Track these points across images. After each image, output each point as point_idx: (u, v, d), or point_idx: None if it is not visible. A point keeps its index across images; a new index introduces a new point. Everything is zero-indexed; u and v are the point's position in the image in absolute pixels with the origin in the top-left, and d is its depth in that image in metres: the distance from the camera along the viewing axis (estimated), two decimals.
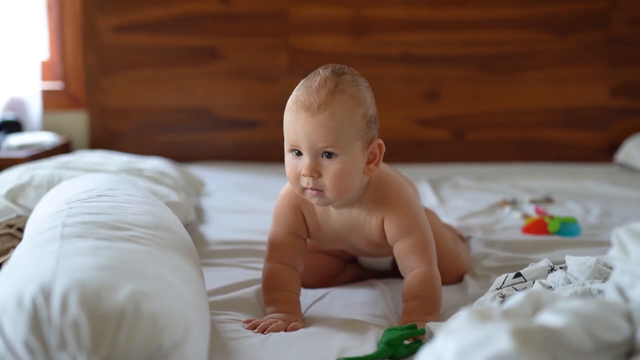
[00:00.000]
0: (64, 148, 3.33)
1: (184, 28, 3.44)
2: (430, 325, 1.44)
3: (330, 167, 1.57)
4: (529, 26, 3.46)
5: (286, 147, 1.62)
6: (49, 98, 3.48)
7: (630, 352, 1.02)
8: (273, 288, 1.68)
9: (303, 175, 1.58)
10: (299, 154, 1.59)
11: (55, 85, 3.51)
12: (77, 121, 3.51)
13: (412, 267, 1.67)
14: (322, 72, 1.61)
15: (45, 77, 3.50)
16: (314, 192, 1.60)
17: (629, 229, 1.15)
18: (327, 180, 1.57)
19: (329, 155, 1.57)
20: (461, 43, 3.46)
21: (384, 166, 1.74)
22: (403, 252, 1.68)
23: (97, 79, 3.46)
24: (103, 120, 3.49)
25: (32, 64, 3.33)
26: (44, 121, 3.46)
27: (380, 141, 1.64)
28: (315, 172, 1.57)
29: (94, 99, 3.47)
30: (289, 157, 1.62)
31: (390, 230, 1.68)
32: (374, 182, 1.69)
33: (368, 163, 1.63)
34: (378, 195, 1.69)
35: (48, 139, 3.25)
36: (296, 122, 1.57)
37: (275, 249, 1.72)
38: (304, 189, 1.61)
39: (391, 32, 3.45)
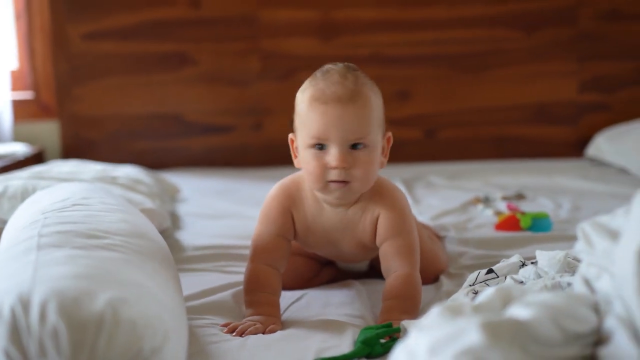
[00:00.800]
0: (37, 158, 3.32)
1: (154, 34, 3.44)
2: (405, 323, 1.46)
3: (360, 158, 1.59)
4: (497, 24, 3.50)
5: (306, 142, 1.61)
6: (19, 108, 3.47)
7: (598, 342, 1.05)
8: (255, 289, 1.68)
9: (334, 168, 1.59)
10: (321, 148, 1.60)
11: (25, 95, 3.50)
12: (49, 131, 3.51)
13: (395, 269, 1.68)
14: (336, 67, 1.63)
15: (15, 87, 3.48)
16: (341, 184, 1.60)
17: (593, 222, 1.17)
18: (357, 171, 1.59)
19: (356, 146, 1.59)
20: (431, 42, 3.49)
21: None
22: (389, 253, 1.69)
23: (68, 88, 3.45)
24: (75, 129, 3.48)
25: (2, 74, 3.31)
26: (16, 131, 3.45)
27: (390, 133, 1.69)
28: (347, 162, 1.58)
29: (65, 107, 3.46)
30: (310, 152, 1.61)
31: (382, 228, 1.70)
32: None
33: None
34: (375, 193, 1.70)
35: (20, 149, 3.24)
36: (325, 114, 1.58)
37: (260, 250, 1.72)
38: (327, 184, 1.62)
39: (361, 33, 3.47)
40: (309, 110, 1.61)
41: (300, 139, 1.64)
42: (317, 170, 1.61)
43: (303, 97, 1.63)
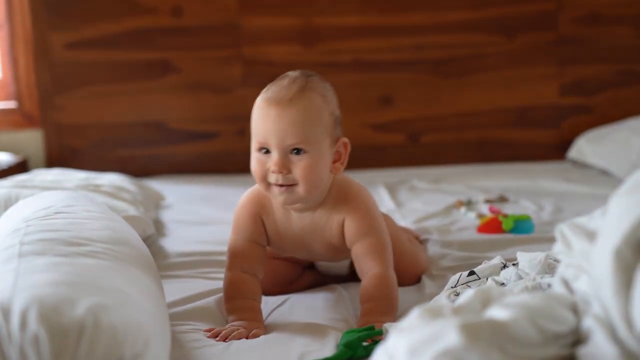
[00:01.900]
0: (20, 167, 3.31)
1: (136, 42, 3.45)
2: (387, 325, 1.47)
3: (300, 162, 1.60)
4: (478, 29, 3.51)
5: (254, 145, 1.65)
6: (2, 117, 3.46)
7: (576, 342, 1.06)
8: (234, 297, 1.69)
9: (272, 172, 1.61)
10: (267, 152, 1.63)
11: (8, 104, 3.49)
12: (33, 140, 3.50)
13: (368, 269, 1.70)
14: (292, 74, 1.67)
15: None
16: (282, 188, 1.62)
17: (571, 224, 1.19)
18: (297, 175, 1.61)
19: (298, 151, 1.61)
20: (412, 48, 3.51)
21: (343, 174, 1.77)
22: (360, 254, 1.71)
23: (51, 97, 3.45)
24: (59, 137, 3.48)
25: None
26: None
27: (346, 140, 1.69)
28: (285, 168, 1.60)
29: (48, 116, 3.46)
30: (256, 155, 1.65)
31: (349, 231, 1.71)
32: (336, 184, 1.72)
33: (334, 162, 1.68)
34: (339, 197, 1.72)
35: (3, 158, 3.23)
36: (266, 118, 1.61)
37: (236, 258, 1.73)
38: (269, 186, 1.64)
39: (342, 39, 3.48)
40: (254, 113, 1.66)
41: (252, 142, 1.67)
42: (259, 172, 1.64)
43: (256, 101, 1.67)
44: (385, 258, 1.70)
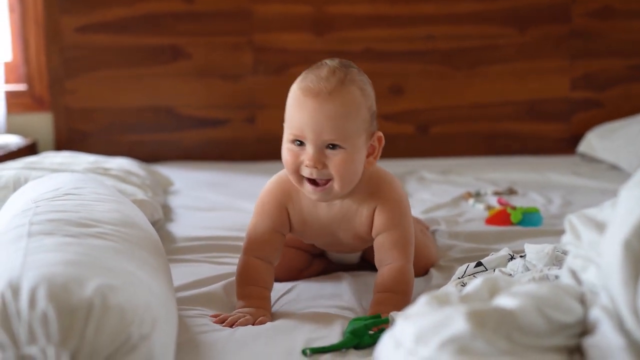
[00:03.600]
0: (30, 149, 3.32)
1: (147, 27, 3.44)
2: (393, 314, 1.47)
3: (335, 158, 1.57)
4: (490, 20, 3.50)
5: (287, 136, 1.60)
6: (12, 100, 3.46)
7: (583, 332, 1.06)
8: (246, 283, 1.68)
9: (306, 166, 1.58)
10: (301, 144, 1.58)
11: (19, 87, 3.50)
12: (42, 122, 3.51)
13: (389, 261, 1.68)
14: (330, 63, 1.61)
15: (8, 79, 3.48)
16: (317, 188, 1.59)
17: (581, 214, 1.19)
18: (332, 170, 1.57)
19: (334, 147, 1.57)
20: (423, 38, 3.50)
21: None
22: (385, 245, 1.68)
23: (61, 80, 3.45)
24: (68, 121, 3.48)
25: None
26: (9, 123, 3.45)
27: (381, 134, 1.66)
28: (320, 163, 1.57)
29: (58, 100, 3.46)
30: (289, 146, 1.60)
31: (379, 220, 1.69)
32: (368, 174, 1.69)
33: (367, 156, 1.64)
34: (372, 187, 1.69)
35: (13, 141, 3.24)
36: (303, 109, 1.56)
37: (254, 243, 1.71)
38: (302, 179, 1.61)
39: (353, 29, 3.47)
40: (290, 102, 1.60)
41: (285, 131, 1.63)
42: (292, 165, 1.60)
43: (292, 89, 1.62)
44: (409, 252, 1.69)
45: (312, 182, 1.61)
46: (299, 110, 1.57)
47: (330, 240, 1.78)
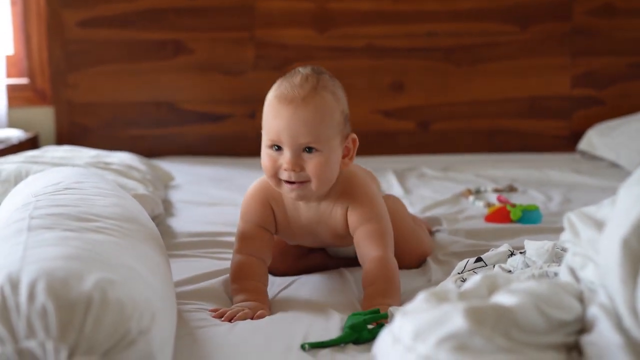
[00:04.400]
0: (31, 143, 3.32)
1: (149, 22, 3.44)
2: (392, 309, 1.48)
3: (312, 160, 1.63)
4: (491, 18, 3.50)
5: (265, 142, 1.67)
6: (14, 93, 3.46)
7: (582, 330, 1.06)
8: (240, 278, 1.70)
9: (284, 170, 1.64)
10: (279, 149, 1.65)
11: (20, 80, 3.50)
12: (44, 116, 3.51)
13: (368, 253, 1.71)
14: (303, 70, 1.67)
15: (10, 72, 3.48)
16: (294, 185, 1.65)
17: (579, 212, 1.19)
18: (310, 172, 1.64)
19: (310, 150, 1.63)
20: (424, 35, 3.50)
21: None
22: (361, 239, 1.73)
23: (63, 74, 3.45)
24: (69, 115, 3.48)
25: None
26: (10, 117, 3.45)
27: (355, 136, 1.73)
28: (298, 166, 1.63)
29: (60, 94, 3.46)
30: (268, 151, 1.67)
31: (352, 218, 1.74)
32: (342, 177, 1.75)
33: (343, 157, 1.71)
34: (345, 189, 1.75)
35: (14, 134, 3.24)
36: (278, 116, 1.63)
37: (244, 242, 1.76)
38: (280, 182, 1.67)
39: (355, 25, 3.47)
40: (266, 110, 1.68)
41: (263, 138, 1.69)
42: (270, 169, 1.67)
43: (267, 97, 1.69)
44: (386, 243, 1.72)
45: (290, 183, 1.67)
46: (276, 117, 1.64)
47: (313, 239, 1.84)
